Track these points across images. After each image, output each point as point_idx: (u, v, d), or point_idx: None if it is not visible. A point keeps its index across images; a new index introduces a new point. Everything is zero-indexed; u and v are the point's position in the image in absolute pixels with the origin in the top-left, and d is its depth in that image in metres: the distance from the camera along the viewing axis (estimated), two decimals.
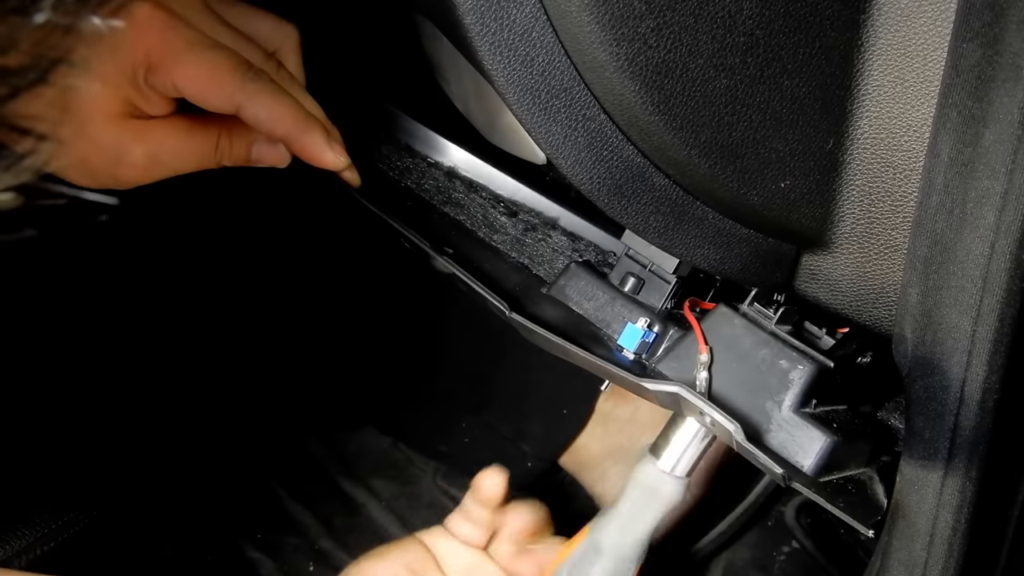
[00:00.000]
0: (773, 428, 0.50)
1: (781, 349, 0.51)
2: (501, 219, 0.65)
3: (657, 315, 0.55)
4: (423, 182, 0.69)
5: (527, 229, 0.64)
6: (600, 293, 0.57)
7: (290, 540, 0.78)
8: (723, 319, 0.53)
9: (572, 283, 0.58)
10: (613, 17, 0.39)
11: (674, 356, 0.54)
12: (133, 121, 0.50)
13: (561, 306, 0.58)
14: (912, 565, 0.50)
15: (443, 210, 0.68)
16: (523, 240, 0.64)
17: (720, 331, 0.52)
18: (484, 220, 0.66)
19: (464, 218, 0.67)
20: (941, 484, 0.47)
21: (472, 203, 0.67)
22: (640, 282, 0.56)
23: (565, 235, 0.64)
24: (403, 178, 0.70)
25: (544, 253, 0.63)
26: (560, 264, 0.62)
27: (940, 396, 0.45)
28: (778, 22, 0.40)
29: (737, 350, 0.52)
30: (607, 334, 0.56)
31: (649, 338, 0.54)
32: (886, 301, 0.48)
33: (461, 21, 0.43)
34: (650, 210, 0.47)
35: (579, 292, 0.58)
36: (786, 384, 0.50)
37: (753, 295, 0.53)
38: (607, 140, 0.45)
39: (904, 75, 0.41)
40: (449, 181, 0.68)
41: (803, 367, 0.50)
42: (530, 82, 0.44)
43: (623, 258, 0.58)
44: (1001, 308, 0.41)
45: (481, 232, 0.66)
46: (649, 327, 0.54)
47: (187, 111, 0.53)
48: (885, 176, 0.44)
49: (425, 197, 0.69)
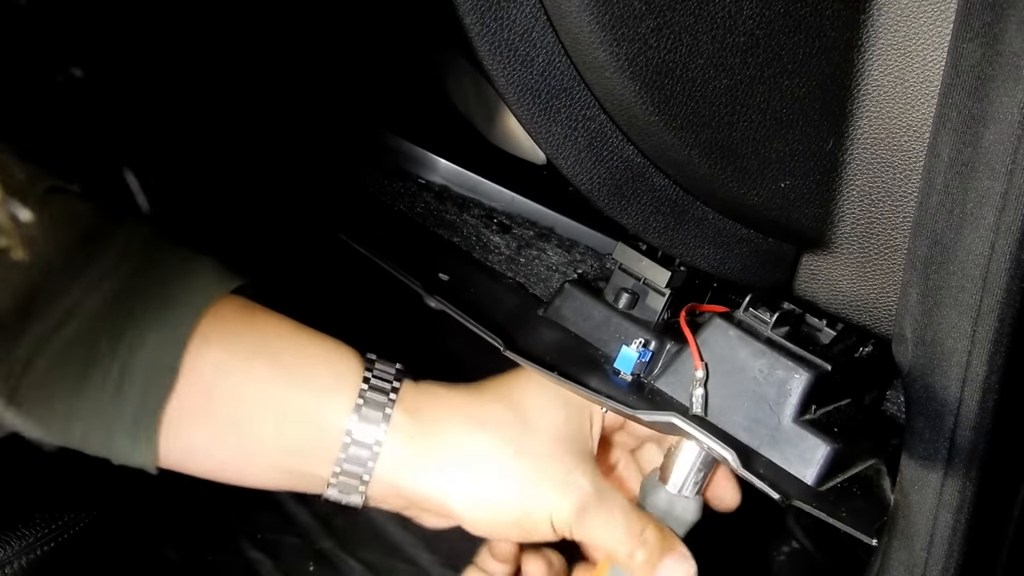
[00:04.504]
0: (774, 440, 0.50)
1: (777, 359, 0.50)
2: (495, 239, 0.65)
3: (653, 330, 0.55)
4: (415, 205, 0.69)
5: (521, 247, 0.64)
6: (595, 312, 0.56)
7: (290, 540, 0.78)
8: (718, 331, 0.52)
9: (567, 304, 0.57)
10: (613, 17, 0.39)
11: (672, 372, 0.53)
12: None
13: (558, 328, 0.57)
14: (912, 565, 0.49)
15: (437, 232, 0.68)
16: (517, 259, 0.64)
17: (715, 344, 0.52)
18: (478, 241, 0.66)
19: (458, 239, 0.67)
20: (941, 484, 0.47)
21: (465, 224, 0.66)
22: (634, 297, 0.56)
23: (560, 247, 0.64)
24: (395, 203, 0.70)
25: (539, 272, 0.63)
26: (555, 282, 0.61)
27: (940, 396, 0.45)
28: (778, 22, 0.40)
29: (733, 362, 0.51)
30: (604, 354, 0.55)
31: (645, 357, 0.53)
32: (886, 301, 0.48)
33: (461, 21, 0.43)
34: (650, 210, 0.47)
35: (574, 312, 0.57)
36: (785, 394, 0.50)
37: (748, 300, 0.53)
38: (607, 140, 0.45)
39: (904, 75, 0.41)
40: (440, 203, 0.68)
41: (800, 375, 0.50)
42: (530, 82, 0.43)
43: (616, 272, 0.57)
44: (1001, 308, 0.41)
45: (475, 253, 0.66)
46: (644, 346, 0.53)
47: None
48: (885, 176, 0.44)
49: (418, 221, 0.69)
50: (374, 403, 0.50)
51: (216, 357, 0.49)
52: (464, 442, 0.51)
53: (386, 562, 0.77)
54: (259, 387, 0.49)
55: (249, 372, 0.49)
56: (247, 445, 0.50)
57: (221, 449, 0.50)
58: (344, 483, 0.50)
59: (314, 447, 0.50)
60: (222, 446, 0.50)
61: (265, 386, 0.49)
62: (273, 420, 0.50)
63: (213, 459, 0.50)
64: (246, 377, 0.49)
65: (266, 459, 0.51)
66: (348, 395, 0.50)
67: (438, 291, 0.59)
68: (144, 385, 0.47)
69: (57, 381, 0.47)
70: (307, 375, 0.51)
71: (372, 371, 0.51)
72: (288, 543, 0.77)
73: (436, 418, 0.52)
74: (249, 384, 0.49)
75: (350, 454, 0.50)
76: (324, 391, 0.50)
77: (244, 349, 0.50)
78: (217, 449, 0.50)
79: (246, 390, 0.49)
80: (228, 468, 0.51)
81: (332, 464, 0.50)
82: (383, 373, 0.52)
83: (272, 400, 0.50)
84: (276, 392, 0.50)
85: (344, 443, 0.49)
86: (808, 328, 0.55)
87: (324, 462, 0.50)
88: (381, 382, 0.51)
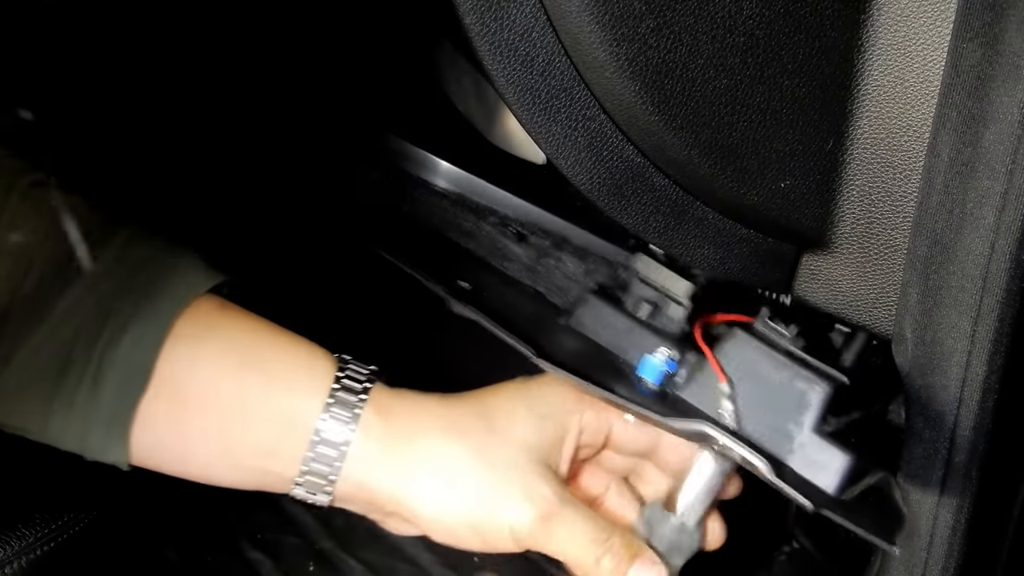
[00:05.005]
0: (794, 449, 0.51)
1: (798, 371, 0.51)
2: (512, 247, 0.65)
3: (674, 341, 0.55)
4: (433, 212, 0.69)
5: (539, 256, 0.64)
6: (616, 322, 0.57)
7: (290, 540, 0.78)
8: (739, 343, 0.53)
9: (588, 313, 0.58)
10: (613, 17, 0.39)
11: (695, 382, 0.54)
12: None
13: (579, 336, 0.58)
14: (912, 565, 0.50)
15: (455, 240, 0.68)
16: (535, 268, 0.64)
17: (737, 356, 0.53)
18: (496, 249, 0.66)
19: (475, 247, 0.67)
20: (941, 484, 0.47)
21: (482, 232, 0.67)
22: (654, 308, 0.57)
23: (575, 256, 0.64)
24: (414, 210, 0.71)
25: (558, 280, 0.63)
26: (574, 292, 0.62)
27: (940, 396, 0.45)
28: (778, 22, 0.40)
29: (755, 374, 0.52)
30: (626, 362, 0.56)
31: (672, 368, 0.54)
32: (886, 301, 0.48)
33: (461, 21, 0.43)
34: (650, 210, 0.47)
35: (595, 321, 0.58)
36: (805, 405, 0.51)
37: (767, 312, 0.54)
38: (607, 140, 0.45)
39: (904, 75, 0.41)
40: (458, 210, 0.68)
41: (820, 388, 0.50)
42: (530, 82, 0.43)
43: (636, 283, 0.58)
44: (1001, 308, 0.41)
45: (494, 261, 0.66)
46: (669, 357, 0.54)
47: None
48: (885, 176, 0.44)
49: (437, 228, 0.69)
50: (344, 403, 0.50)
51: (188, 356, 0.49)
52: (432, 446, 0.51)
53: (386, 562, 0.77)
54: (229, 386, 0.50)
55: (220, 371, 0.50)
56: (216, 444, 0.50)
57: (189, 447, 0.51)
58: (311, 482, 0.51)
59: (282, 446, 0.50)
60: (190, 444, 0.50)
61: (235, 385, 0.50)
62: (242, 419, 0.50)
63: (181, 456, 0.51)
64: (217, 376, 0.50)
65: (234, 457, 0.51)
66: (319, 394, 0.50)
67: (466, 299, 0.59)
68: (119, 385, 0.48)
69: (35, 379, 0.48)
70: (278, 374, 0.51)
71: (345, 371, 0.52)
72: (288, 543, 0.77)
73: (406, 421, 0.52)
74: (219, 383, 0.50)
75: (318, 453, 0.50)
76: (295, 390, 0.51)
77: (216, 348, 0.50)
78: (185, 447, 0.51)
79: (216, 389, 0.50)
80: (196, 466, 0.51)
81: (299, 463, 0.50)
82: (355, 374, 0.52)
83: (242, 399, 0.50)
84: (246, 391, 0.50)
85: (312, 441, 0.50)
86: (824, 338, 0.56)
87: (292, 461, 0.50)
88: (353, 382, 0.51)
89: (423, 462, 0.51)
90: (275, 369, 0.51)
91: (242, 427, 0.50)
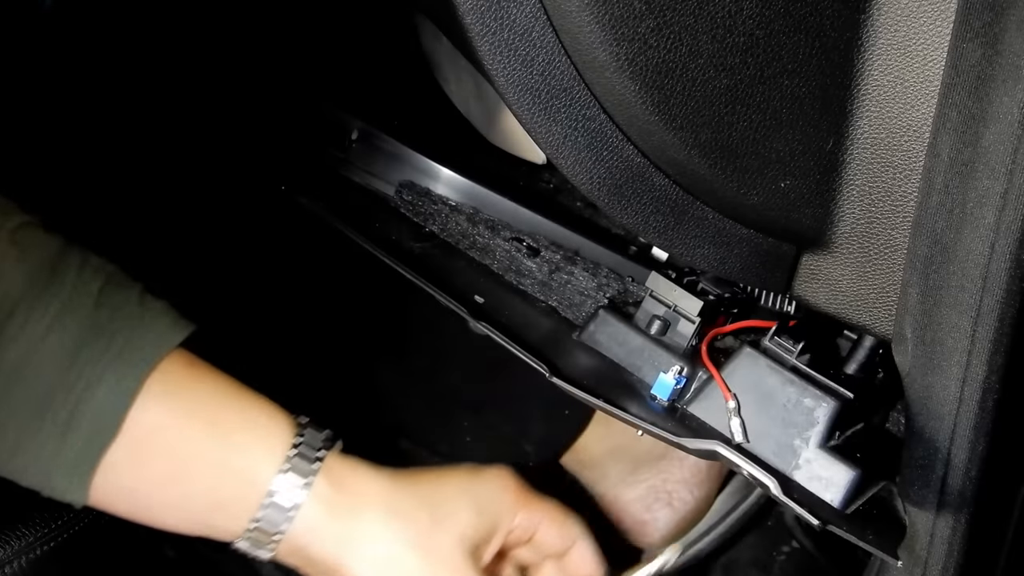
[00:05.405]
0: (800, 465, 0.52)
1: (805, 387, 0.52)
2: (526, 263, 0.67)
3: (683, 356, 0.57)
4: (447, 226, 0.71)
5: (552, 271, 0.66)
6: (629, 338, 0.59)
7: None
8: (748, 360, 0.54)
9: (602, 329, 0.60)
10: (613, 17, 0.39)
11: (704, 397, 0.55)
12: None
13: (593, 353, 0.60)
14: (912, 565, 0.50)
15: (469, 255, 0.69)
16: (549, 284, 0.66)
17: (745, 372, 0.54)
18: (510, 264, 0.68)
19: (490, 262, 0.69)
20: (941, 484, 0.47)
21: (496, 247, 0.68)
22: (665, 324, 0.58)
23: (587, 271, 0.66)
24: (427, 223, 0.72)
25: (571, 296, 0.65)
26: (587, 307, 0.64)
27: (940, 396, 0.45)
28: (778, 22, 0.40)
29: (763, 391, 0.53)
30: (639, 379, 0.58)
31: (681, 384, 0.56)
32: (886, 301, 0.48)
33: (461, 21, 0.43)
34: (650, 210, 0.47)
35: (609, 337, 0.59)
36: (812, 422, 0.52)
37: (774, 329, 0.55)
38: (607, 140, 0.45)
39: (904, 75, 0.41)
40: (472, 225, 0.69)
41: (827, 404, 0.52)
42: (530, 82, 0.44)
43: (647, 299, 0.59)
44: (1001, 308, 0.41)
45: (508, 276, 0.68)
46: (680, 373, 0.56)
47: None
48: (885, 176, 0.44)
49: (451, 242, 0.70)
50: (299, 469, 0.53)
51: (156, 413, 0.52)
52: (375, 525, 0.54)
53: None
54: (192, 448, 0.53)
55: (183, 429, 0.53)
56: (171, 494, 0.53)
57: (145, 498, 0.54)
58: (256, 539, 0.54)
59: (234, 503, 0.53)
60: (147, 496, 0.53)
61: (197, 447, 0.53)
62: (200, 479, 0.53)
63: (136, 505, 0.54)
64: (180, 436, 0.53)
65: (187, 509, 0.54)
66: (276, 458, 0.53)
67: (482, 316, 0.61)
68: (88, 434, 0.50)
69: (10, 418, 0.50)
70: (239, 436, 0.54)
71: (302, 436, 0.55)
72: None
73: (354, 496, 0.55)
74: (183, 444, 0.53)
75: (267, 513, 0.53)
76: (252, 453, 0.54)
77: (183, 407, 0.53)
78: (141, 498, 0.53)
79: (179, 450, 0.53)
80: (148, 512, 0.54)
81: (249, 520, 0.53)
82: (312, 439, 0.55)
83: (202, 461, 0.53)
84: (207, 454, 0.53)
85: (263, 504, 0.53)
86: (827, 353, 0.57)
87: (241, 517, 0.53)
88: (309, 449, 0.54)
89: (364, 539, 0.54)
90: (236, 431, 0.54)
91: (199, 487, 0.53)
